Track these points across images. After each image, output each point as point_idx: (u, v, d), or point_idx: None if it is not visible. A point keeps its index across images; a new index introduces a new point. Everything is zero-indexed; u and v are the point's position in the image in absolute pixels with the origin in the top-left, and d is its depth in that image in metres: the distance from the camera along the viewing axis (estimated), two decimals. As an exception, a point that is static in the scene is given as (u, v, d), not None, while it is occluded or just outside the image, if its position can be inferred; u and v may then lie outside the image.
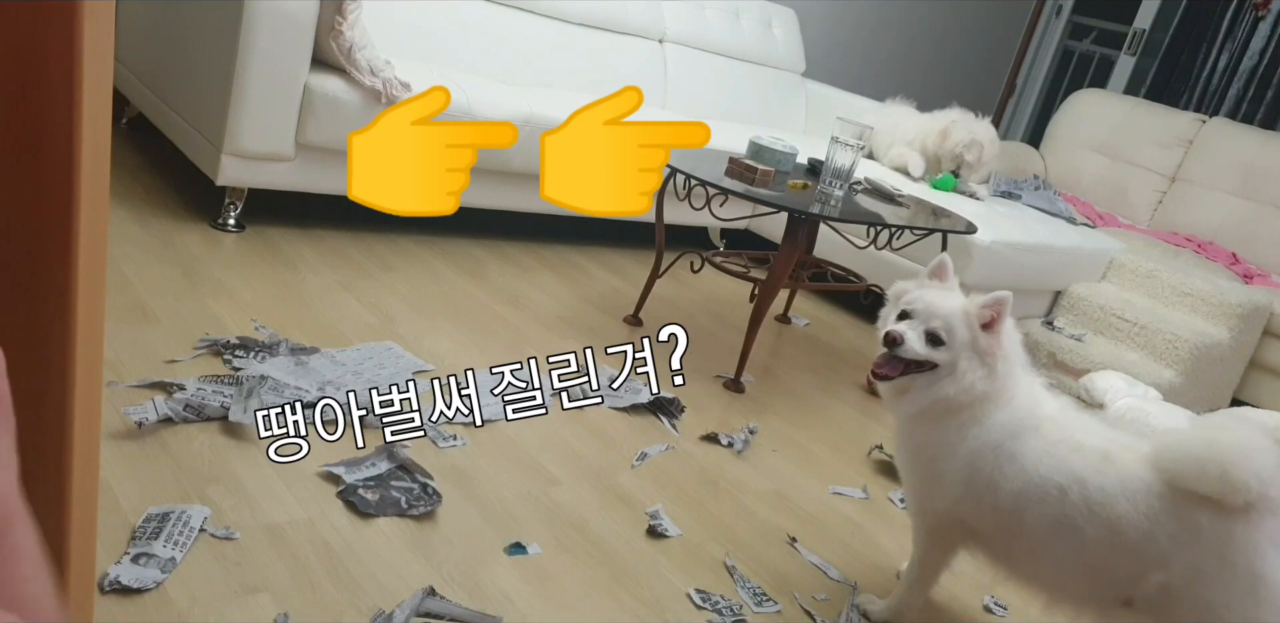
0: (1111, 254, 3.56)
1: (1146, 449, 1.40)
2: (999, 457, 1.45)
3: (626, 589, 1.56)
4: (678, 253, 2.87)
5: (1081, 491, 1.38)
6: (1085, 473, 1.39)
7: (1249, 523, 1.29)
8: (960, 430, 1.49)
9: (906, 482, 1.62)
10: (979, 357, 1.46)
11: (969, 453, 1.48)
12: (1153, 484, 1.35)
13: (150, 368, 1.84)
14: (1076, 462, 1.40)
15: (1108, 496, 1.36)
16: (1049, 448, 1.43)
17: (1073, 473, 1.39)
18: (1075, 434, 1.44)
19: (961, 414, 1.48)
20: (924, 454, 1.55)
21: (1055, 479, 1.40)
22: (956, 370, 1.46)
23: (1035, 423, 1.46)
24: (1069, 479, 1.39)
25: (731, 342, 2.79)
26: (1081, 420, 1.49)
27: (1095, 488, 1.37)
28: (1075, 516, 1.38)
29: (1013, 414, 1.46)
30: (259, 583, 1.35)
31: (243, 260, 2.49)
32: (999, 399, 1.47)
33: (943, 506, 1.54)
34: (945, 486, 1.51)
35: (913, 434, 1.57)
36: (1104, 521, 1.36)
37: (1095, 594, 1.42)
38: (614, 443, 2.04)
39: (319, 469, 1.65)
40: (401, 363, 2.12)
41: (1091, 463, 1.39)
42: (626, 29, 3.85)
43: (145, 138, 3.26)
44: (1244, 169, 4.24)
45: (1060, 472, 1.40)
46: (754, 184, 2.43)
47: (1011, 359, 1.48)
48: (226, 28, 2.50)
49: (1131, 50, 5.32)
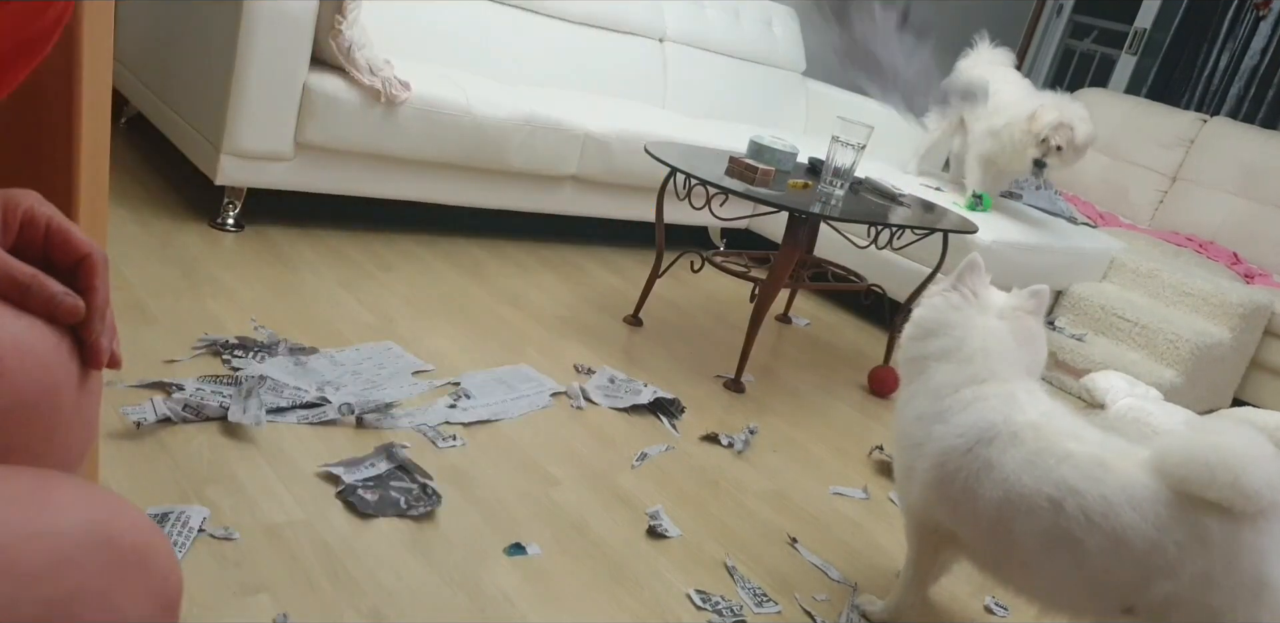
0: (1112, 254, 3.56)
1: (1144, 455, 1.35)
2: (973, 463, 1.42)
3: (626, 590, 1.56)
4: (678, 253, 2.87)
5: (1078, 501, 1.33)
6: (1079, 483, 1.34)
7: (1256, 529, 1.27)
8: (925, 426, 1.48)
9: (894, 474, 1.63)
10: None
11: (936, 453, 1.46)
12: (1158, 491, 1.31)
13: (149, 368, 1.83)
14: (1067, 471, 1.36)
15: (1110, 505, 1.32)
16: (1031, 457, 1.38)
17: (1064, 483, 1.35)
18: (1062, 441, 1.39)
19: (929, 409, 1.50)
20: (899, 444, 1.57)
21: (1044, 490, 1.36)
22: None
23: (1012, 430, 1.41)
24: (1061, 490, 1.35)
25: (731, 342, 2.79)
26: (1069, 426, 1.44)
27: (1094, 498, 1.33)
28: (1072, 528, 1.34)
29: (979, 419, 1.43)
30: (258, 583, 1.35)
31: (242, 260, 2.49)
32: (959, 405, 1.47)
33: (914, 500, 1.54)
34: (915, 480, 1.51)
35: (895, 421, 1.59)
36: (1107, 532, 1.32)
37: (1095, 605, 1.39)
38: (614, 443, 2.04)
39: (318, 469, 1.65)
40: (401, 363, 2.11)
41: (1085, 471, 1.35)
42: (626, 28, 3.84)
43: (144, 137, 3.26)
44: (1245, 169, 4.23)
45: (1049, 483, 1.36)
46: (754, 183, 2.43)
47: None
48: (226, 27, 2.50)
49: (1132, 50, 5.31)
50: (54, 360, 0.58)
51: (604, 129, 3.12)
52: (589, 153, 3.12)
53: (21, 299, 0.57)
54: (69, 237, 0.60)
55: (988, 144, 3.40)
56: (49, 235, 0.60)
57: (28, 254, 0.59)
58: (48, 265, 0.60)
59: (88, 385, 0.61)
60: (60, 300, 0.58)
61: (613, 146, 3.14)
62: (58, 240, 0.60)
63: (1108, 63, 5.48)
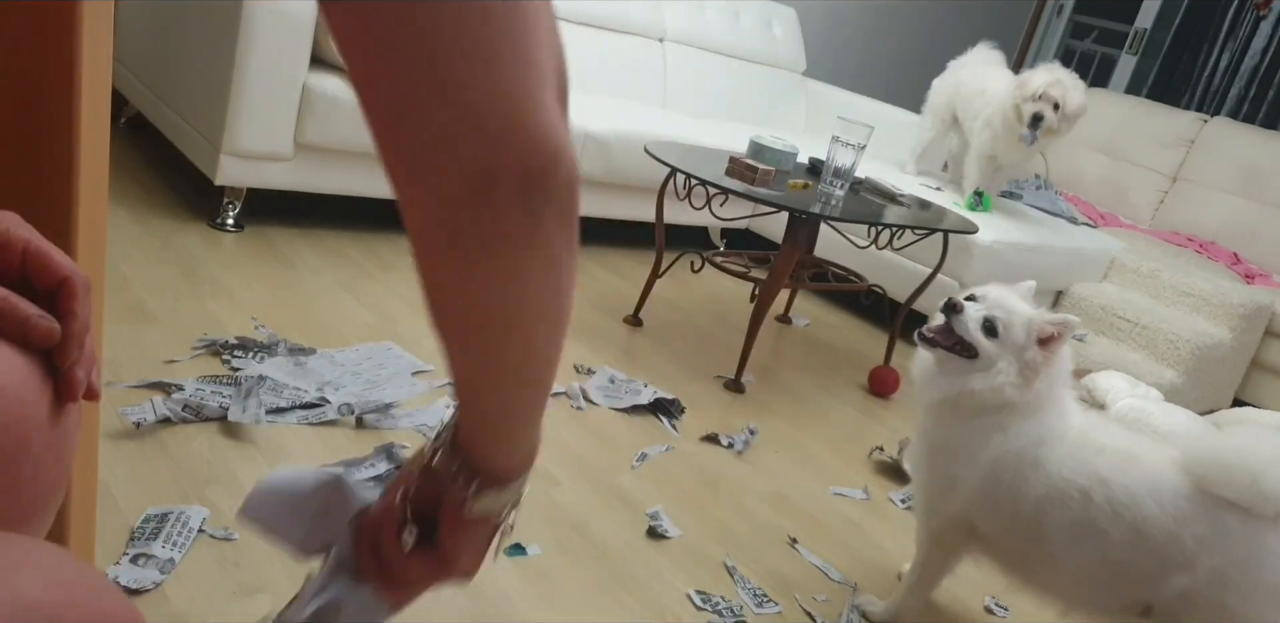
0: (1113, 254, 3.56)
1: (1174, 453, 1.38)
2: (1023, 463, 1.43)
3: (626, 590, 1.56)
4: (678, 253, 2.86)
5: (1105, 491, 1.36)
6: (1108, 473, 1.37)
7: (1277, 530, 1.29)
8: (983, 436, 1.46)
9: (917, 481, 1.60)
10: (1022, 365, 1.43)
11: (990, 460, 1.46)
12: (1180, 486, 1.33)
13: (149, 368, 1.83)
14: (1099, 462, 1.39)
15: (1133, 496, 1.35)
16: (1072, 451, 1.41)
17: (1095, 474, 1.38)
18: (1099, 437, 1.43)
19: (985, 418, 1.46)
20: (942, 454, 1.53)
21: (1078, 481, 1.39)
22: (993, 368, 1.44)
23: (1062, 431, 1.44)
24: (1092, 480, 1.38)
25: (731, 342, 2.79)
26: (1108, 427, 1.48)
27: (1120, 488, 1.36)
28: (1099, 518, 1.36)
29: (1038, 424, 1.45)
30: (258, 583, 1.35)
31: (242, 260, 2.49)
32: (1026, 411, 1.45)
33: (954, 509, 1.52)
34: (960, 490, 1.49)
35: (933, 430, 1.55)
36: (1129, 522, 1.34)
37: (1114, 601, 1.40)
38: (614, 443, 2.04)
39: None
40: (401, 363, 2.11)
41: (1115, 463, 1.38)
42: (626, 28, 3.84)
43: (144, 137, 3.26)
44: (1245, 169, 4.23)
45: (1082, 473, 1.39)
46: (754, 184, 2.43)
47: (1054, 380, 1.45)
48: (226, 27, 2.50)
49: (1133, 50, 5.31)
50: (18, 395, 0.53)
51: (604, 129, 3.12)
52: (589, 153, 3.12)
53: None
54: (47, 260, 0.57)
55: (985, 136, 3.39)
56: (26, 258, 0.57)
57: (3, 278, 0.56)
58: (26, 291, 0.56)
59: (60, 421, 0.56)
60: (35, 323, 0.54)
61: (612, 147, 3.14)
62: (36, 264, 0.57)
63: (1108, 63, 5.48)
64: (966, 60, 3.69)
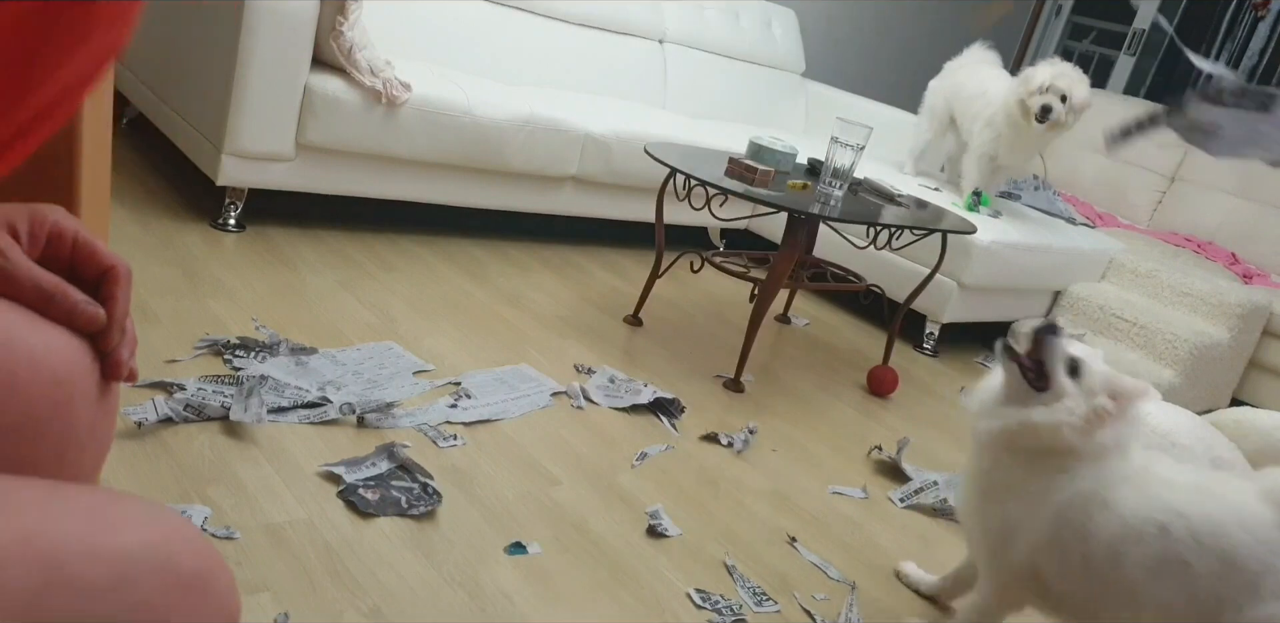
0: (1111, 254, 3.57)
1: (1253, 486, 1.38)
2: (1091, 505, 1.41)
3: (626, 589, 1.57)
4: (678, 253, 2.87)
5: (1186, 524, 1.34)
6: (1185, 506, 1.35)
7: None
8: (1046, 478, 1.43)
9: (973, 528, 1.55)
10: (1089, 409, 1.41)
11: (1058, 504, 1.43)
12: (1266, 514, 1.33)
13: (150, 368, 1.84)
14: (1173, 497, 1.37)
15: (1218, 525, 1.33)
16: (1140, 488, 1.39)
17: (1170, 508, 1.35)
18: (1164, 472, 1.42)
19: (1047, 460, 1.43)
20: (1001, 497, 1.48)
21: (1154, 517, 1.36)
22: (1057, 405, 1.41)
23: (1127, 471, 1.42)
24: (1168, 515, 1.35)
25: (731, 342, 2.79)
26: (1165, 461, 1.47)
27: (1201, 519, 1.33)
28: (1183, 551, 1.34)
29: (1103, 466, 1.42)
30: (259, 583, 1.36)
31: (243, 260, 2.49)
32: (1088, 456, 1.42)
33: (1019, 557, 1.47)
34: (1023, 535, 1.46)
35: (990, 470, 1.50)
36: (1216, 553, 1.32)
37: None
38: (614, 443, 2.05)
39: (319, 469, 1.65)
40: (402, 363, 2.12)
41: (1190, 497, 1.36)
42: (626, 29, 3.85)
43: (145, 138, 3.26)
44: (1243, 169, 4.24)
45: (1157, 509, 1.36)
46: (754, 184, 2.43)
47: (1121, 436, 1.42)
48: (227, 27, 2.50)
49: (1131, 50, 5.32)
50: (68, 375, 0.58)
51: (604, 130, 3.13)
52: (589, 153, 3.12)
53: (45, 308, 0.58)
54: (94, 250, 0.62)
55: (987, 137, 3.38)
56: (75, 249, 0.61)
57: (53, 267, 0.60)
58: (73, 278, 0.61)
59: (105, 400, 0.62)
60: (82, 309, 0.59)
61: (613, 147, 3.15)
62: (84, 253, 0.62)
63: (1106, 63, 5.48)
64: (962, 61, 3.70)
